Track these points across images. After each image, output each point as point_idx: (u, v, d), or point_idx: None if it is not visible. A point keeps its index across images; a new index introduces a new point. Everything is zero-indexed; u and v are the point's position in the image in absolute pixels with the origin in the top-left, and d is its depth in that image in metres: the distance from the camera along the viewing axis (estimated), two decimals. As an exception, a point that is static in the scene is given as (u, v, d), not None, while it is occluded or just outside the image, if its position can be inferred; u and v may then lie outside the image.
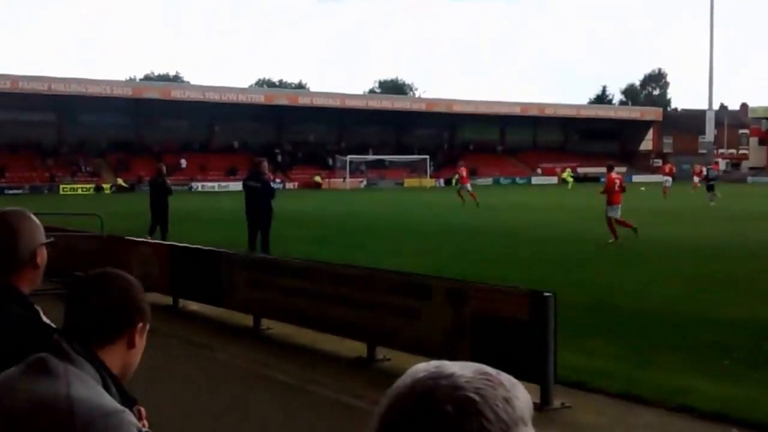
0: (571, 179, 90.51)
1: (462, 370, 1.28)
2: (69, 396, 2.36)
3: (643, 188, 76.40)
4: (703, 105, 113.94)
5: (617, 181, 26.62)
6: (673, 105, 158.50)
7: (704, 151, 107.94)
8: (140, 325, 2.78)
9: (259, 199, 20.84)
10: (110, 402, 2.43)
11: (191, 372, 10.60)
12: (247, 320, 13.53)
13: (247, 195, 21.47)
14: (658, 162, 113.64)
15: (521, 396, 1.28)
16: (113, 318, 2.71)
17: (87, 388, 2.43)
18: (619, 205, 26.07)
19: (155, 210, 25.91)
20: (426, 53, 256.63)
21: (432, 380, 1.26)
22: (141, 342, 2.81)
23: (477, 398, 1.23)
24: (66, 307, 2.73)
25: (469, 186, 50.38)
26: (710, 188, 49.18)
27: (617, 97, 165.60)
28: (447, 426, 1.21)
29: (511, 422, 1.23)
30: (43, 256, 3.50)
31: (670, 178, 58.46)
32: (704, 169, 56.10)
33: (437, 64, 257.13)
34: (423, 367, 1.31)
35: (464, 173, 51.77)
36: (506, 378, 1.29)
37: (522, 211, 41.13)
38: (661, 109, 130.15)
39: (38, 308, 3.45)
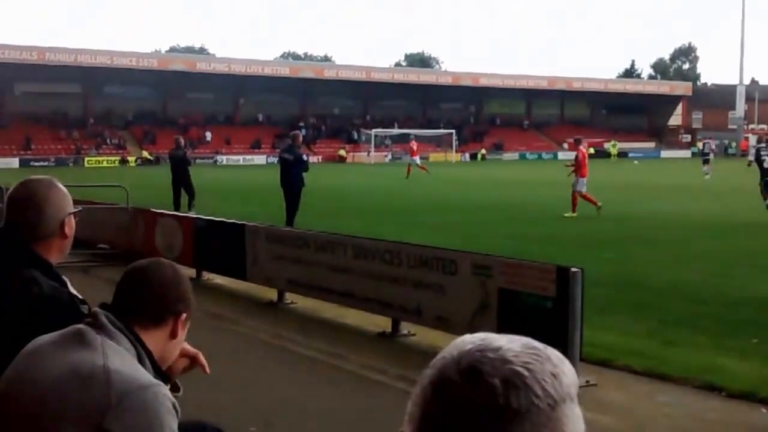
0: (615, 152, 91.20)
1: (509, 343, 1.27)
2: (106, 367, 2.39)
3: (636, 162, 76.56)
4: (733, 80, 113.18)
5: (586, 155, 27.71)
6: (703, 80, 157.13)
7: (734, 127, 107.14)
8: (184, 315, 2.82)
9: (290, 170, 21.19)
10: (146, 375, 2.46)
11: (215, 345, 10.59)
12: (271, 294, 13.55)
13: (281, 167, 21.92)
14: (687, 137, 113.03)
15: (568, 372, 1.28)
16: (159, 302, 2.75)
17: (123, 361, 2.46)
18: (586, 179, 26.63)
19: (177, 183, 26.03)
20: (452, 26, 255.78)
21: (479, 353, 1.25)
22: (182, 334, 2.85)
23: (525, 372, 1.22)
24: (117, 287, 2.76)
25: (417, 160, 54.69)
26: (705, 162, 50.64)
27: (646, 72, 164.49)
28: (494, 400, 1.20)
29: (559, 398, 1.23)
30: (71, 225, 3.50)
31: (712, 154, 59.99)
32: (701, 144, 57.43)
33: (464, 37, 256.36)
34: (469, 339, 1.30)
35: (414, 147, 57.04)
36: (553, 353, 1.29)
37: (546, 187, 40.95)
38: (690, 84, 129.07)
39: (66, 278, 3.46)
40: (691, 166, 57.61)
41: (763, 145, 28.28)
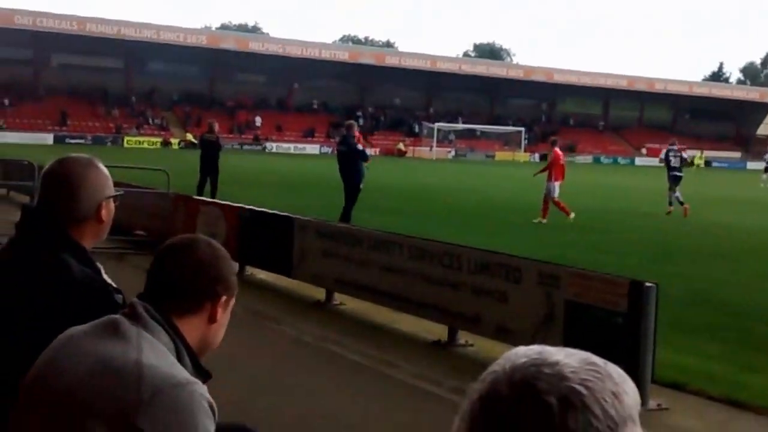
0: (701, 162, 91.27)
1: (567, 358, 1.24)
2: (139, 362, 2.37)
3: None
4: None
5: (563, 158, 27.68)
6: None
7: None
8: (224, 298, 2.77)
9: (347, 162, 21.42)
10: (181, 372, 2.43)
11: (256, 345, 10.64)
12: (319, 293, 13.56)
13: (338, 159, 22.27)
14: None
15: (630, 391, 1.25)
16: (194, 285, 2.69)
17: (158, 356, 2.44)
18: (560, 183, 26.63)
19: (205, 167, 26.51)
20: (526, 17, 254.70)
21: (534, 367, 1.22)
22: (224, 318, 2.80)
23: (584, 391, 1.19)
24: (148, 270, 2.72)
25: None
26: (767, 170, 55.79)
27: (735, 76, 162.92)
28: (549, 420, 1.18)
29: (620, 419, 1.20)
30: (109, 209, 3.45)
31: None
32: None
33: (538, 28, 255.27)
34: (523, 351, 1.27)
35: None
36: (615, 370, 1.26)
37: (620, 196, 40.68)
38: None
39: (99, 265, 3.44)
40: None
41: (674, 148, 32.05)
